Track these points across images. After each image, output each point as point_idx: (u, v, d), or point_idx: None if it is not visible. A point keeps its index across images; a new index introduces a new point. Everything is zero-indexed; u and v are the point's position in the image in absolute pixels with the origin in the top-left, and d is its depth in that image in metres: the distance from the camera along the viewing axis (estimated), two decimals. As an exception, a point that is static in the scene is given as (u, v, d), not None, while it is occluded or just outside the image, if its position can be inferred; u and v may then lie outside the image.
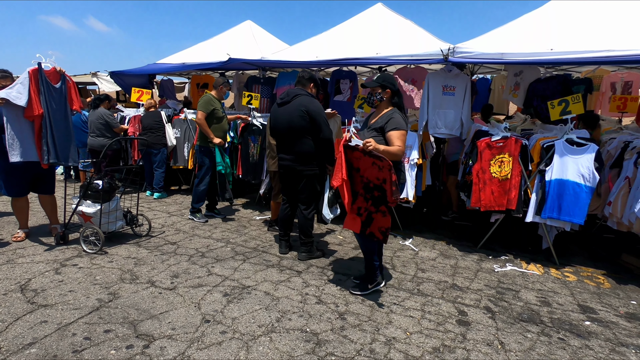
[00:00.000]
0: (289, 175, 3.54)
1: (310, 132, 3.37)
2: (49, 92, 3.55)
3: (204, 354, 2.16)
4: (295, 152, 3.43)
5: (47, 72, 3.56)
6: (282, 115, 3.43)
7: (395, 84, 2.98)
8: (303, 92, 3.43)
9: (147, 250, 3.69)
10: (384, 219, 2.71)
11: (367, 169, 2.70)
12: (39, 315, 2.48)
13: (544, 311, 2.86)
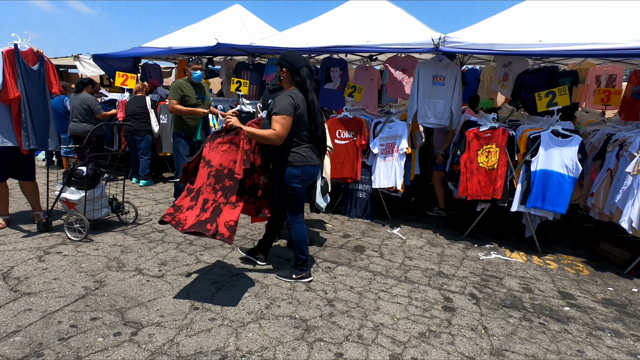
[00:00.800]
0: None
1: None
2: (26, 75, 3.42)
3: (193, 341, 2.17)
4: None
5: (24, 53, 3.42)
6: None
7: (293, 62, 2.72)
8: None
9: (134, 238, 3.64)
10: (233, 211, 2.46)
11: (221, 156, 2.55)
12: (23, 303, 2.43)
13: (526, 297, 2.95)
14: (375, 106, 5.76)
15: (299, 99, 2.72)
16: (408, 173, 4.61)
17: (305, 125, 2.80)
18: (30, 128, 3.45)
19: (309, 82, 2.76)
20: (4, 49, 3.30)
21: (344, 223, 4.56)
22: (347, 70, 5.91)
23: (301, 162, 2.78)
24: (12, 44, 3.34)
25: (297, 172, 2.76)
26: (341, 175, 4.67)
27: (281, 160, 2.76)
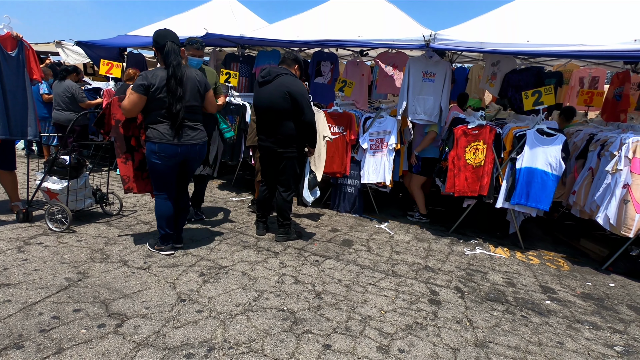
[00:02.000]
0: (269, 156, 3.49)
1: (291, 113, 3.29)
2: (3, 61, 3.28)
3: (180, 332, 2.14)
4: (276, 134, 3.36)
5: (2, 37, 3.27)
6: (263, 94, 3.32)
7: (158, 39, 2.82)
8: (286, 72, 3.32)
9: (119, 230, 3.57)
10: (125, 166, 3.06)
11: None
12: (1, 295, 2.36)
13: (509, 291, 3.03)
14: (365, 101, 5.77)
15: (155, 78, 2.76)
16: (397, 169, 4.64)
17: (163, 103, 2.79)
18: (2, 117, 3.30)
19: (172, 56, 2.77)
20: None
21: (332, 217, 4.57)
22: (337, 65, 5.91)
23: (158, 139, 2.82)
24: None
25: (154, 148, 2.84)
26: (330, 170, 4.67)
27: (146, 135, 2.90)
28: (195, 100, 2.94)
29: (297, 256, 3.34)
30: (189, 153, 2.95)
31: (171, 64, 2.77)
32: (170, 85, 2.77)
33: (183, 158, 2.95)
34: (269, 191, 3.68)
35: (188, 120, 2.91)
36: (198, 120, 3.01)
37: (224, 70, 5.15)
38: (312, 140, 3.50)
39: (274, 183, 3.62)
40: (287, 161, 3.44)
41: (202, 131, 3.04)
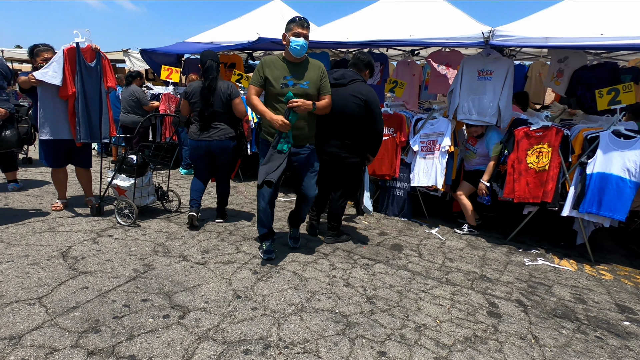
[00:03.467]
0: (331, 162, 3.42)
1: (362, 121, 3.25)
2: (85, 71, 3.61)
3: (237, 328, 2.21)
4: (343, 139, 3.30)
5: (83, 49, 3.59)
6: (335, 98, 3.22)
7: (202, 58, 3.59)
8: (360, 78, 3.30)
9: (178, 226, 3.78)
10: None
11: None
12: (80, 281, 2.59)
13: (579, 308, 2.77)
14: (415, 102, 5.62)
15: (191, 87, 3.62)
16: (450, 172, 4.45)
17: (195, 107, 3.59)
18: (84, 122, 3.64)
19: (210, 72, 3.49)
20: (65, 47, 3.49)
21: (380, 221, 4.49)
22: (387, 65, 5.81)
23: (190, 135, 3.64)
24: (74, 43, 3.53)
25: (190, 141, 3.69)
26: (379, 172, 4.60)
27: None
28: (219, 108, 3.57)
29: (347, 259, 3.32)
30: (210, 147, 3.59)
31: (208, 78, 3.48)
32: (203, 94, 3.51)
33: (206, 150, 3.61)
34: (323, 194, 3.67)
35: (213, 121, 3.58)
36: (222, 121, 3.63)
37: (274, 73, 5.26)
38: (377, 149, 3.48)
39: (329, 187, 3.61)
40: (349, 167, 3.41)
41: (223, 130, 3.62)
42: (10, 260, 2.81)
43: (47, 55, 3.59)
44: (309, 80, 2.94)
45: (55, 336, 2.03)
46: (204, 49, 6.97)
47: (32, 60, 3.65)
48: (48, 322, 2.14)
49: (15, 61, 12.72)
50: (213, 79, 3.48)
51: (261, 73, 2.94)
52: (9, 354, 1.88)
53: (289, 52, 2.90)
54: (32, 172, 5.48)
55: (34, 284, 2.52)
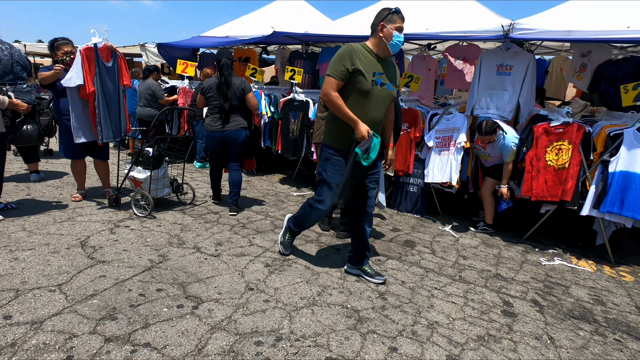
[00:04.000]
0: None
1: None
2: (104, 71, 3.67)
3: (249, 320, 2.24)
4: None
5: (100, 49, 3.65)
6: None
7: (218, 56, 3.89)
8: None
9: (192, 218, 3.84)
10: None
11: None
12: (98, 270, 2.66)
13: (597, 310, 2.70)
14: (431, 97, 5.53)
15: (207, 83, 3.87)
16: (465, 168, 4.38)
17: (211, 101, 3.87)
18: (105, 121, 3.73)
19: (225, 69, 3.77)
20: (82, 47, 3.56)
21: (393, 217, 4.46)
22: (403, 60, 5.72)
23: (206, 127, 3.95)
24: (91, 43, 3.59)
25: (205, 132, 4.00)
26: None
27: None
28: (235, 101, 3.85)
29: (359, 254, 3.31)
30: (224, 137, 3.88)
31: (223, 74, 3.78)
32: (220, 89, 3.79)
33: (220, 140, 3.89)
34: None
35: (231, 113, 3.86)
36: (236, 114, 3.89)
37: (288, 68, 5.26)
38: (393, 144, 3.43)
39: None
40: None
41: (236, 121, 3.89)
42: (32, 248, 2.91)
43: (67, 48, 3.67)
44: (393, 82, 2.59)
45: (74, 322, 2.09)
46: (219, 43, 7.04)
47: (53, 54, 3.73)
48: (67, 309, 2.20)
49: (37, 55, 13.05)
50: (228, 75, 3.78)
51: (348, 64, 2.38)
52: (30, 338, 1.95)
53: (387, 47, 2.46)
54: (52, 164, 5.64)
55: (54, 272, 2.60)
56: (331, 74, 2.45)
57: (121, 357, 1.87)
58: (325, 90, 2.47)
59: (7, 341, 1.91)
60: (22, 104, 3.46)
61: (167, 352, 1.93)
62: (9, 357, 1.81)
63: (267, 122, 5.48)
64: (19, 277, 2.49)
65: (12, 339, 1.93)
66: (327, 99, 2.48)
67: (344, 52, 2.43)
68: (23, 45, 11.88)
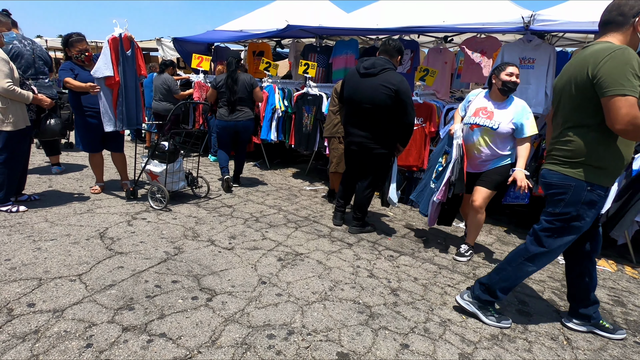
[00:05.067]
0: (359, 152, 3.41)
1: (393, 112, 3.19)
2: (125, 61, 3.73)
3: (262, 313, 2.27)
4: (372, 130, 3.27)
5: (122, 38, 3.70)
6: (365, 87, 3.21)
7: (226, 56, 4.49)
8: (391, 66, 3.22)
9: (206, 211, 3.89)
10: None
11: None
12: (116, 261, 2.74)
13: (617, 311, 2.62)
14: (447, 91, 5.43)
15: (220, 78, 4.48)
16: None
17: (223, 95, 4.44)
18: (126, 111, 3.79)
19: (230, 66, 4.38)
20: (109, 38, 3.61)
21: (406, 212, 4.43)
22: (418, 53, 5.62)
23: (218, 116, 4.52)
24: (117, 33, 3.63)
25: (217, 122, 4.59)
26: (406, 163, 4.51)
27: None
28: (243, 94, 4.42)
29: (371, 249, 3.30)
30: (237, 126, 4.47)
31: (229, 71, 4.37)
32: (228, 83, 4.37)
33: (233, 129, 4.49)
34: (350, 183, 3.66)
35: (238, 105, 4.42)
36: (245, 106, 4.46)
37: (302, 61, 5.24)
38: (407, 140, 3.42)
39: (357, 177, 3.59)
40: (377, 158, 3.37)
41: (246, 112, 4.49)
42: (54, 239, 3.01)
43: (82, 46, 3.72)
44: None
45: (93, 311, 2.16)
46: (233, 38, 7.05)
47: (67, 49, 3.78)
48: (87, 298, 2.28)
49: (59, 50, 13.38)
50: (233, 71, 4.38)
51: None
52: (53, 326, 2.02)
53: None
54: (73, 157, 5.80)
55: (74, 262, 2.68)
56: (628, 91, 1.71)
57: (138, 347, 1.92)
58: (632, 115, 1.70)
59: (30, 328, 1.99)
60: (46, 99, 3.56)
61: (182, 342, 1.97)
62: (32, 344, 1.88)
63: (280, 116, 5.49)
64: (42, 267, 2.59)
65: (36, 326, 2.01)
66: (636, 126, 1.72)
67: (631, 58, 1.73)
68: (45, 41, 12.19)
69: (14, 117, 3.25)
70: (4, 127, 3.21)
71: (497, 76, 2.94)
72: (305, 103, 5.14)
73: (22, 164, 3.59)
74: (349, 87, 3.36)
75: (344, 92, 3.42)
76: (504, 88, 2.90)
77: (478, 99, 3.13)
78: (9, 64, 3.19)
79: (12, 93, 3.16)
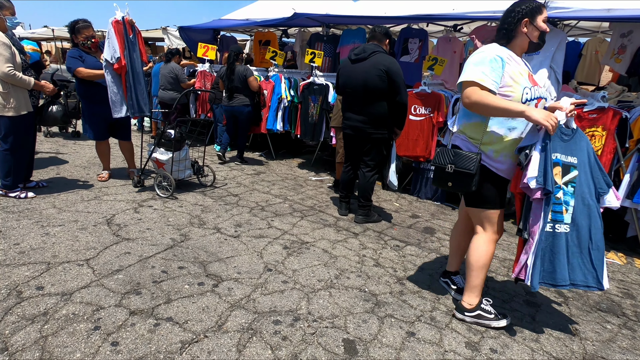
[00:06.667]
0: (356, 137, 3.44)
1: (386, 93, 3.22)
2: (131, 45, 3.69)
3: (268, 299, 2.27)
4: (368, 114, 3.30)
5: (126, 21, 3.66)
6: (357, 72, 3.26)
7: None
8: (381, 50, 3.25)
9: (212, 200, 3.90)
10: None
11: None
12: (123, 247, 2.75)
13: (626, 304, 2.59)
14: (455, 81, 5.33)
15: (222, 70, 5.21)
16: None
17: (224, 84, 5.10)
18: (135, 97, 3.72)
19: (231, 59, 4.97)
20: (112, 20, 3.56)
21: (412, 203, 4.40)
22: (427, 42, 5.53)
23: (222, 102, 5.22)
24: (119, 17, 3.58)
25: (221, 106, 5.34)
26: (413, 154, 4.47)
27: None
28: (238, 84, 4.98)
29: (377, 239, 3.29)
30: (233, 110, 5.09)
31: (230, 61, 4.98)
32: (227, 74, 4.99)
33: (230, 113, 5.12)
34: (352, 171, 3.66)
35: (235, 93, 5.02)
36: (240, 93, 5.02)
37: (309, 50, 5.18)
38: (402, 122, 3.43)
39: (358, 163, 3.59)
40: (375, 142, 3.37)
41: (240, 99, 5.03)
42: (62, 225, 3.03)
43: (88, 32, 3.70)
44: None
45: (101, 295, 2.18)
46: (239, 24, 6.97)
47: (73, 36, 3.75)
48: (95, 282, 2.30)
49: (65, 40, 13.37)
50: (231, 63, 4.98)
51: None
52: (61, 308, 2.04)
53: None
54: (80, 145, 5.83)
55: (82, 247, 2.70)
56: None
57: (145, 330, 1.93)
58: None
59: (39, 310, 2.01)
60: (49, 85, 3.55)
61: (189, 326, 1.98)
62: (41, 325, 1.91)
63: (286, 106, 5.45)
64: (50, 251, 2.61)
65: (45, 308, 2.03)
66: None
67: None
68: (51, 30, 12.20)
69: (16, 102, 3.24)
70: (6, 113, 3.21)
71: (531, 22, 1.97)
72: (312, 93, 5.09)
73: (29, 150, 3.61)
74: (343, 75, 3.42)
75: (339, 81, 3.48)
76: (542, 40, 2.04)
77: (514, 61, 2.00)
78: (11, 48, 3.17)
79: (12, 78, 3.15)
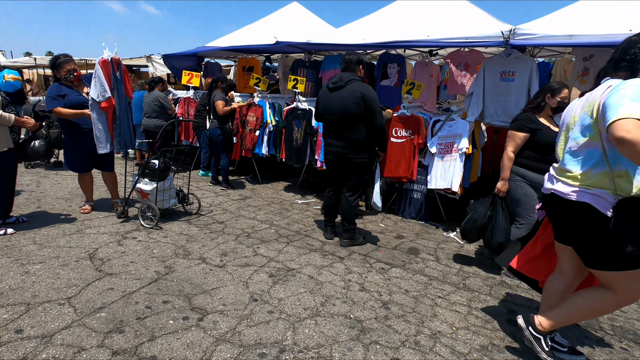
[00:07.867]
0: (338, 162, 3.53)
1: (363, 119, 3.34)
2: (119, 83, 3.78)
3: (253, 331, 2.27)
4: (347, 139, 3.41)
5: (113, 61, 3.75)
6: (335, 100, 3.39)
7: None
8: (356, 78, 3.40)
9: (198, 228, 3.89)
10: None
11: None
12: (106, 283, 2.72)
13: (604, 318, 2.67)
14: (433, 103, 5.54)
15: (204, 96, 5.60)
16: (468, 174, 4.37)
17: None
18: (121, 133, 3.86)
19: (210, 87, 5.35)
20: (99, 61, 3.66)
21: (397, 223, 4.47)
22: (405, 66, 5.75)
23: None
24: (107, 57, 3.68)
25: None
26: (396, 175, 4.57)
27: None
28: (212, 109, 5.25)
29: (363, 262, 3.33)
30: (210, 134, 5.48)
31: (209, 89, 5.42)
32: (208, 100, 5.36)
33: (209, 135, 5.53)
34: (335, 196, 3.73)
35: (211, 117, 5.36)
36: (214, 118, 5.27)
37: (291, 77, 5.32)
38: (383, 144, 3.59)
39: (340, 188, 3.66)
40: (356, 166, 3.47)
41: (214, 122, 5.31)
42: (43, 262, 2.98)
43: (70, 66, 3.74)
44: None
45: (82, 335, 2.14)
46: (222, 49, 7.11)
47: (55, 72, 3.80)
48: (76, 322, 2.26)
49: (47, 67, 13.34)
50: (210, 89, 5.36)
51: None
52: (41, 352, 2.00)
53: None
54: (62, 175, 5.76)
55: (63, 285, 2.66)
56: None
57: (128, 370, 1.91)
58: None
59: (18, 355, 1.96)
60: (30, 120, 3.55)
61: (173, 364, 1.96)
62: (20, 371, 1.86)
63: (271, 130, 5.54)
64: (30, 291, 2.56)
65: (23, 352, 1.98)
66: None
67: None
68: (34, 59, 12.18)
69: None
70: None
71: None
72: (295, 117, 5.20)
73: (9, 186, 3.56)
74: (322, 103, 3.55)
75: (319, 108, 3.60)
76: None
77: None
78: None
79: None
